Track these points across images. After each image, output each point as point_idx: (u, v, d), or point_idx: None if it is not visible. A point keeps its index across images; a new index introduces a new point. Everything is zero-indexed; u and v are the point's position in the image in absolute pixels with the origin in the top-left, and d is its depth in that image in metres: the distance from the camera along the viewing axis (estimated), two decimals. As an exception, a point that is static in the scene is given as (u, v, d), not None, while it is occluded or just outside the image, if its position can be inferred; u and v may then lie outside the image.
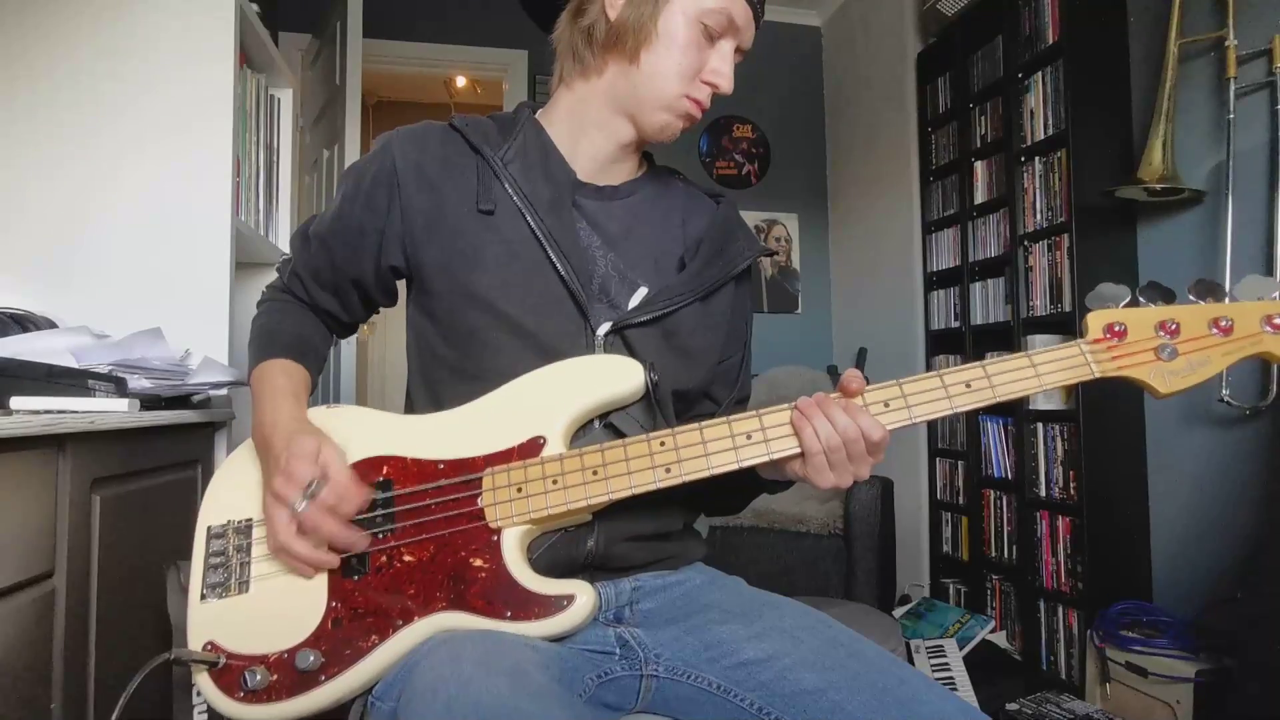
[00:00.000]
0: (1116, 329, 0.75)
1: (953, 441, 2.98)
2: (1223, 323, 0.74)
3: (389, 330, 5.17)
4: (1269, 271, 1.89)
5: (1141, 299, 0.76)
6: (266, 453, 0.81)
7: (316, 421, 0.85)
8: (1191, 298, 0.76)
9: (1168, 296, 0.76)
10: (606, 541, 0.83)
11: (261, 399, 0.86)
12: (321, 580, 0.77)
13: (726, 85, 0.88)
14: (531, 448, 0.79)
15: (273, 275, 1.01)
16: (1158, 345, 0.74)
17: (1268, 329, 0.74)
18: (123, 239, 1.45)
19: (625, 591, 0.86)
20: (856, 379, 0.75)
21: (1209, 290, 0.76)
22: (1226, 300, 0.76)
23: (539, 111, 0.96)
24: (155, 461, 1.18)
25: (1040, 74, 2.48)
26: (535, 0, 0.98)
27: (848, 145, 3.84)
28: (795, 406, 0.76)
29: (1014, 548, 2.58)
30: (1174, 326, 0.75)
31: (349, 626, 0.75)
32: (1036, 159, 2.50)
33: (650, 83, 0.87)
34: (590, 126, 0.92)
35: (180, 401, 1.28)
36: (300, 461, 0.76)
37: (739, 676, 0.78)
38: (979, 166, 2.84)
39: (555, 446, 0.78)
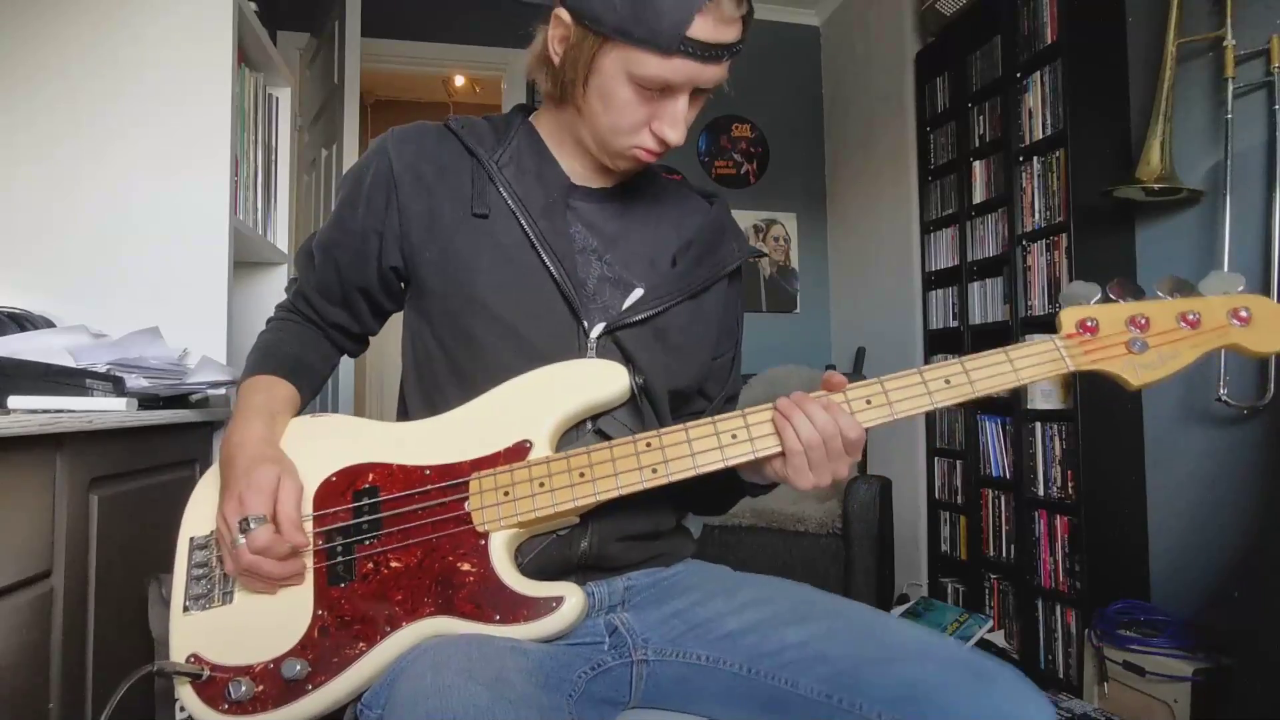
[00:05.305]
0: (1089, 324, 0.77)
1: (951, 441, 2.98)
2: (1190, 316, 0.76)
3: (386, 333, 5.14)
4: (1266, 270, 1.90)
5: (1111, 295, 0.78)
6: (228, 471, 0.80)
7: (298, 430, 0.85)
8: (1160, 294, 0.78)
9: (1137, 294, 0.78)
10: (600, 542, 0.84)
11: (235, 415, 0.85)
12: (308, 589, 0.77)
13: (675, 138, 0.82)
14: (518, 451, 0.79)
15: (270, 275, 1.01)
16: (1129, 339, 0.76)
17: (1234, 321, 0.76)
18: (120, 238, 1.44)
19: (618, 590, 0.87)
20: (838, 377, 0.78)
21: (1177, 287, 0.78)
22: (1193, 296, 0.78)
23: (533, 115, 0.96)
24: (153, 461, 1.18)
25: (1039, 74, 2.48)
26: None
27: (846, 145, 3.83)
28: (775, 406, 0.76)
29: (1012, 547, 2.59)
30: (1144, 321, 0.77)
31: (336, 634, 0.74)
32: (1035, 159, 2.50)
33: (596, 132, 0.85)
34: (569, 142, 0.92)
35: (178, 401, 1.28)
36: (253, 494, 0.75)
37: (725, 646, 0.81)
38: (977, 166, 2.84)
39: (542, 450, 0.79)
